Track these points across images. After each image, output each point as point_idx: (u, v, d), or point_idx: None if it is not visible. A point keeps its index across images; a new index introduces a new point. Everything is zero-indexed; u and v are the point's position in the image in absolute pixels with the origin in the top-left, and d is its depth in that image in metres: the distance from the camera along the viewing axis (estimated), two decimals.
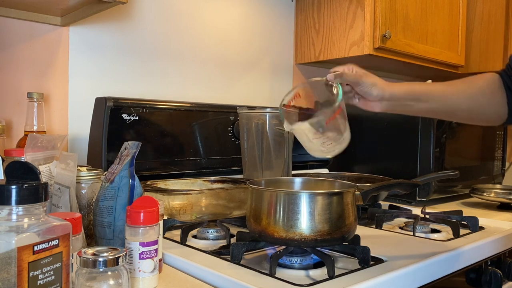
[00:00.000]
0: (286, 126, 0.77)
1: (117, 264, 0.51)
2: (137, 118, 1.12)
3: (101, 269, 0.50)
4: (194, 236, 0.92)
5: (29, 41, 1.11)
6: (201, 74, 1.44)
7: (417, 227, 0.98)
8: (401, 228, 1.05)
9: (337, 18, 1.57)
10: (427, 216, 1.07)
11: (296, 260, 0.74)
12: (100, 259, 0.50)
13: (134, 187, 0.74)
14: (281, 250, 0.72)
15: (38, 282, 0.44)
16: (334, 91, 0.77)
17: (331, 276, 0.67)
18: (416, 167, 1.34)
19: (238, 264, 0.73)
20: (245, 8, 1.56)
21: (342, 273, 0.69)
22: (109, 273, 0.51)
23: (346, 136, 0.80)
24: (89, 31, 1.20)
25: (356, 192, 0.80)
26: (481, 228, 1.05)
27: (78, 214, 0.60)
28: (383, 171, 1.37)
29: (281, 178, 0.96)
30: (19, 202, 0.44)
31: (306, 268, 0.73)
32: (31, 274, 0.43)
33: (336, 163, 1.57)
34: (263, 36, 1.61)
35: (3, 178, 0.74)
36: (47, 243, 0.44)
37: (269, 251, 0.80)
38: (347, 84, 0.80)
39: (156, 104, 1.17)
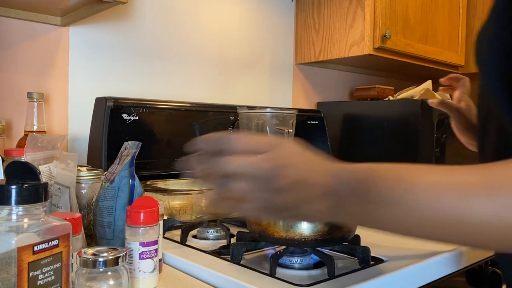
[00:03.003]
0: None
1: (117, 264, 0.51)
2: (137, 118, 1.12)
3: (101, 269, 0.50)
4: (194, 236, 0.92)
5: (29, 41, 1.11)
6: (201, 74, 1.44)
7: None
8: None
9: (337, 18, 1.57)
10: None
11: (296, 260, 0.73)
12: (100, 259, 0.50)
13: (134, 187, 0.74)
14: (281, 250, 0.72)
15: (38, 282, 0.44)
16: None
17: (331, 276, 0.67)
18: None
19: (238, 264, 0.73)
20: (245, 8, 1.55)
21: (342, 273, 0.69)
22: (109, 273, 0.51)
23: None
24: (89, 31, 1.20)
25: None
26: None
27: (78, 214, 0.60)
28: None
29: None
30: (19, 202, 0.44)
31: (306, 268, 0.73)
32: (31, 274, 0.43)
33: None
34: (263, 36, 1.61)
35: (3, 178, 0.74)
36: (47, 243, 0.44)
37: (269, 251, 0.80)
38: None
39: (156, 104, 1.17)
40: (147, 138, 1.13)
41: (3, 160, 0.79)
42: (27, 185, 0.44)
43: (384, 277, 0.69)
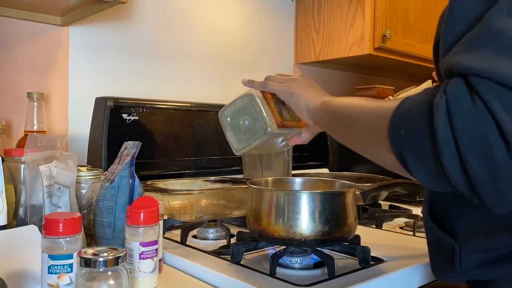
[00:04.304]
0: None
1: (117, 264, 0.51)
2: (137, 118, 1.12)
3: (101, 269, 0.50)
4: (194, 236, 0.92)
5: (29, 41, 1.11)
6: (201, 74, 1.44)
7: (417, 227, 0.98)
8: (401, 228, 1.05)
9: (337, 17, 1.57)
10: None
11: (296, 260, 0.74)
12: (100, 259, 0.50)
13: (134, 187, 0.74)
14: (281, 250, 0.72)
15: None
16: None
17: (331, 276, 0.67)
18: None
19: (238, 264, 0.73)
20: (245, 8, 1.55)
21: (342, 273, 0.69)
22: (109, 273, 0.50)
23: None
24: (89, 31, 1.20)
25: (356, 192, 0.79)
26: None
27: (78, 214, 0.60)
28: (383, 171, 1.37)
29: (281, 178, 0.96)
30: None
31: (306, 268, 0.73)
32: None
33: (336, 163, 1.57)
34: (263, 36, 1.61)
35: (2, 178, 0.74)
36: None
37: (269, 251, 0.80)
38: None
39: (156, 104, 1.17)
40: (147, 138, 1.13)
41: (3, 160, 0.79)
42: None
43: (384, 277, 0.69)
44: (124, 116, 1.10)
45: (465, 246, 0.57)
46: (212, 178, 1.11)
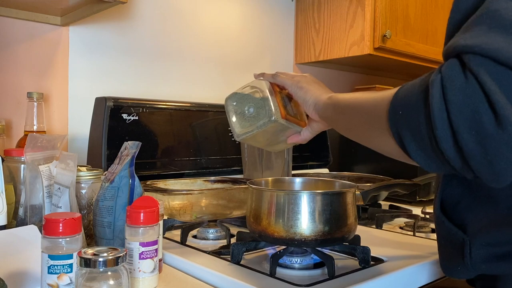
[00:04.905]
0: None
1: (117, 264, 0.51)
2: (137, 118, 1.12)
3: (101, 269, 0.50)
4: (194, 236, 0.92)
5: (29, 41, 1.11)
6: (201, 74, 1.44)
7: (417, 227, 0.98)
8: (401, 228, 1.05)
9: (337, 17, 1.57)
10: (427, 216, 1.07)
11: (296, 260, 0.73)
12: (100, 259, 0.50)
13: (134, 187, 0.74)
14: (281, 250, 0.72)
15: None
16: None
17: (331, 276, 0.67)
18: (416, 167, 1.33)
19: (238, 264, 0.73)
20: (245, 8, 1.55)
21: (342, 273, 0.69)
22: (109, 273, 0.50)
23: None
24: (89, 31, 1.20)
25: (356, 192, 0.79)
26: None
27: (78, 214, 0.60)
28: (383, 171, 1.37)
29: (281, 178, 0.96)
30: None
31: (306, 268, 0.73)
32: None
33: (336, 163, 1.57)
34: (263, 36, 1.61)
35: (2, 178, 0.74)
36: None
37: (269, 251, 0.80)
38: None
39: (156, 104, 1.17)
40: (147, 138, 1.13)
41: (3, 160, 0.79)
42: None
43: (384, 277, 0.69)
44: (124, 116, 1.10)
45: (474, 239, 0.58)
46: (212, 178, 1.11)
